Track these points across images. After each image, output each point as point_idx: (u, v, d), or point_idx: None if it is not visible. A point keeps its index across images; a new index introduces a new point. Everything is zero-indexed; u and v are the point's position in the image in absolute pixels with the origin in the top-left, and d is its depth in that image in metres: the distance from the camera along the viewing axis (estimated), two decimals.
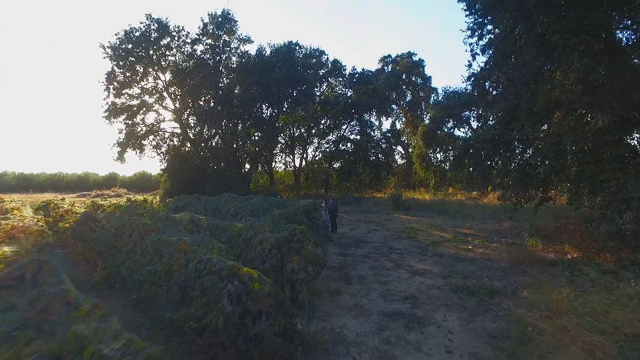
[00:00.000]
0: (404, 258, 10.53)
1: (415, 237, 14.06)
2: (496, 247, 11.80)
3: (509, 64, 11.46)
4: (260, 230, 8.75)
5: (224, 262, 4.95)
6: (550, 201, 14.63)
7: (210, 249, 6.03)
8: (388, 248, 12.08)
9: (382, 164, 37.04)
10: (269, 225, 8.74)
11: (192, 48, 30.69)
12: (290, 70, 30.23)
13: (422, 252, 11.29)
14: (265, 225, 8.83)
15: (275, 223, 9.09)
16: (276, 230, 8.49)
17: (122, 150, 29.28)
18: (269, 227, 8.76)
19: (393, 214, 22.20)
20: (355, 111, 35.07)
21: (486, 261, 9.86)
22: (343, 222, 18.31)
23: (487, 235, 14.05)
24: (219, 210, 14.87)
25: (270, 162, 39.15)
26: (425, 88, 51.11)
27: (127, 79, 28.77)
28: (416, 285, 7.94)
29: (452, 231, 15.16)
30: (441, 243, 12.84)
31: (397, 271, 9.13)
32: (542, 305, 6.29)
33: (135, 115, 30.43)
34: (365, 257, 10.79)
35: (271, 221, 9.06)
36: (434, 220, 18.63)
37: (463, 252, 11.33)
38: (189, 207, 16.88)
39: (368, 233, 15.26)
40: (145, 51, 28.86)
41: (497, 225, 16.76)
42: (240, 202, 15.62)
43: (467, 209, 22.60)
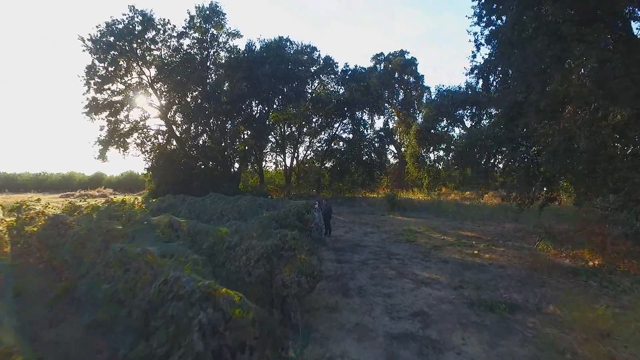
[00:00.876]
0: (406, 265, 9.58)
1: (414, 240, 13.14)
2: (504, 252, 10.93)
3: (516, 54, 10.58)
4: (247, 235, 7.71)
5: (197, 282, 3.91)
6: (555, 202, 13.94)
7: (183, 263, 4.97)
8: (387, 253, 11.12)
9: (375, 163, 36.12)
10: (257, 230, 7.70)
11: (179, 42, 29.40)
12: (281, 66, 29.17)
13: (425, 258, 10.35)
14: (252, 230, 7.80)
15: (264, 227, 8.05)
16: (265, 235, 7.47)
17: (104, 149, 27.83)
18: (257, 232, 7.73)
19: (388, 214, 21.30)
20: (347, 109, 34.09)
21: (497, 268, 8.96)
22: (337, 224, 17.32)
23: (491, 239, 13.20)
24: (204, 212, 13.75)
25: (260, 162, 37.98)
26: (417, 87, 50.49)
27: (109, 73, 27.33)
28: (424, 298, 6.99)
29: (453, 234, 14.29)
30: (443, 247, 11.94)
31: (400, 281, 8.17)
32: (575, 324, 5.38)
33: (118, 112, 29.00)
34: (363, 264, 9.81)
35: (259, 225, 8.02)
36: (431, 222, 17.75)
37: (469, 257, 10.43)
38: (173, 208, 15.73)
39: (364, 236, 14.30)
40: (128, 45, 27.45)
41: (499, 227, 15.96)
42: (227, 203, 14.51)
43: (464, 210, 21.86)
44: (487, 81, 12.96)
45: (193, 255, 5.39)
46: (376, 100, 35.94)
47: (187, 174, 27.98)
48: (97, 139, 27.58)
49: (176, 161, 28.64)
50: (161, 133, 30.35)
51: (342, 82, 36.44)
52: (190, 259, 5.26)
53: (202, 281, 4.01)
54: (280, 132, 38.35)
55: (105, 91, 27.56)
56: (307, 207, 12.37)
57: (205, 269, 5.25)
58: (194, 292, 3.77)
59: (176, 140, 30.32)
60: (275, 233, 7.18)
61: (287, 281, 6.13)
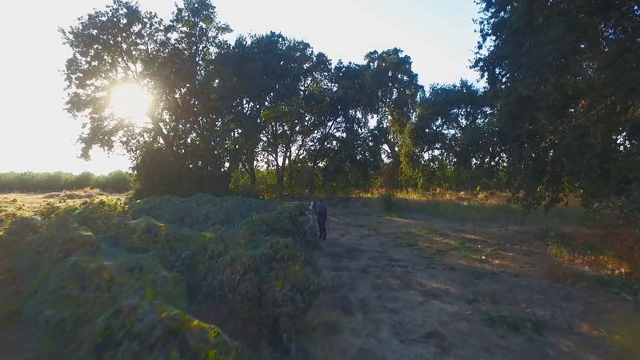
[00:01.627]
0: (410, 273, 8.70)
1: (416, 244, 12.29)
2: (514, 258, 10.12)
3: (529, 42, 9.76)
4: (233, 242, 6.76)
5: (160, 313, 2.96)
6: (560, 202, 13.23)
7: (150, 283, 4.00)
8: (388, 259, 10.23)
9: (369, 162, 35.28)
10: (244, 237, 6.76)
11: (166, 36, 28.12)
12: (273, 61, 28.16)
13: (430, 264, 9.49)
14: (238, 236, 6.85)
15: (253, 233, 7.11)
16: (253, 243, 6.53)
17: (87, 147, 26.49)
18: (244, 238, 6.79)
19: (385, 216, 20.45)
20: (341, 107, 33.18)
21: (512, 277, 8.12)
22: (331, 226, 16.42)
23: (496, 242, 12.41)
24: (189, 214, 12.71)
25: (251, 161, 36.90)
26: (411, 85, 49.84)
27: (92, 68, 26.01)
28: (436, 314, 6.10)
29: (455, 237, 13.48)
30: (447, 252, 11.10)
31: (406, 292, 7.28)
32: (622, 349, 4.53)
33: (102, 108, 27.66)
34: (363, 271, 8.90)
35: (247, 231, 7.06)
36: (430, 224, 16.94)
37: (477, 263, 9.60)
38: (156, 210, 14.63)
39: (361, 239, 13.41)
40: (113, 38, 26.15)
41: (502, 229, 15.19)
42: (213, 204, 13.51)
43: (462, 211, 21.09)
44: (492, 74, 12.16)
45: (162, 272, 4.42)
46: (370, 98, 35.13)
47: (175, 173, 26.74)
48: (79, 137, 26.22)
49: (163, 160, 27.37)
50: (147, 131, 29.09)
51: (336, 80, 35.58)
52: (160, 276, 4.29)
53: (167, 310, 3.06)
54: (272, 130, 37.33)
55: (88, 87, 26.20)
56: (301, 209, 11.45)
57: (178, 288, 4.30)
58: (154, 327, 2.82)
59: (163, 138, 29.08)
60: (265, 240, 6.24)
61: (279, 298, 5.21)
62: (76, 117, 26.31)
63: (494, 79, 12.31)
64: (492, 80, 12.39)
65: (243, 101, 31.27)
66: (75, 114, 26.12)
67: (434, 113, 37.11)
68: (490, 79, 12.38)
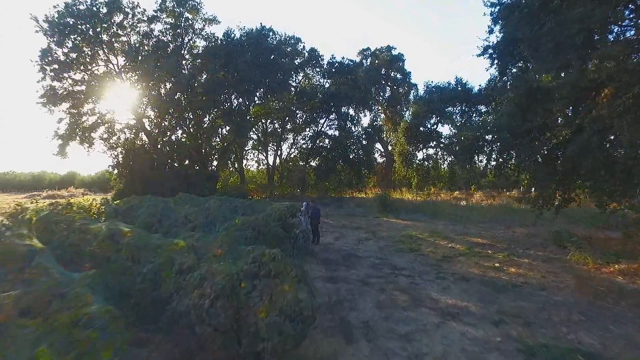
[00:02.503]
0: (418, 285, 7.53)
1: (419, 249, 11.14)
2: (531, 265, 9.02)
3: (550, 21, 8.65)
4: (209, 253, 5.52)
5: None
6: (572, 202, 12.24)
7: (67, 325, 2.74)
8: (390, 267, 9.06)
9: (362, 161, 34.13)
10: (223, 245, 5.51)
11: (149, 27, 26.62)
12: (263, 54, 26.82)
13: (439, 274, 8.34)
14: (216, 244, 5.61)
15: (232, 241, 5.86)
16: (233, 253, 5.29)
17: (64, 144, 24.83)
18: (223, 247, 5.54)
19: (381, 217, 19.30)
20: (333, 104, 31.95)
21: (538, 291, 6.99)
22: (325, 228, 15.21)
23: (506, 247, 11.32)
24: (167, 217, 11.38)
25: (240, 160, 35.51)
26: (404, 83, 48.96)
27: (70, 60, 24.38)
28: (458, 342, 4.93)
29: (460, 240, 12.37)
30: (455, 258, 9.97)
31: (417, 311, 6.10)
32: None
33: (82, 103, 26.03)
34: (364, 283, 7.71)
35: (226, 238, 5.79)
36: (431, 225, 15.83)
37: (491, 272, 8.49)
38: (132, 211, 13.30)
39: (359, 244, 12.22)
40: (92, 29, 24.56)
41: (508, 231, 14.16)
42: (194, 205, 12.21)
43: (462, 211, 20.07)
44: (504, 61, 11.06)
45: (92, 306, 3.13)
46: (364, 94, 34.00)
47: (159, 172, 25.29)
48: (55, 133, 24.52)
49: (146, 158, 25.88)
50: (130, 127, 27.48)
51: (329, 76, 34.38)
52: (92, 310, 3.03)
53: None
54: (263, 128, 36.01)
55: (64, 80, 24.53)
56: (292, 211, 10.25)
57: (116, 324, 3.04)
58: None
59: (147, 135, 27.50)
60: (247, 251, 5.00)
61: (263, 328, 3.98)
62: (52, 112, 24.63)
63: (505, 67, 11.22)
64: (503, 69, 11.30)
65: (232, 97, 29.84)
66: (52, 109, 24.43)
67: (428, 111, 36.16)
68: (501, 67, 11.28)
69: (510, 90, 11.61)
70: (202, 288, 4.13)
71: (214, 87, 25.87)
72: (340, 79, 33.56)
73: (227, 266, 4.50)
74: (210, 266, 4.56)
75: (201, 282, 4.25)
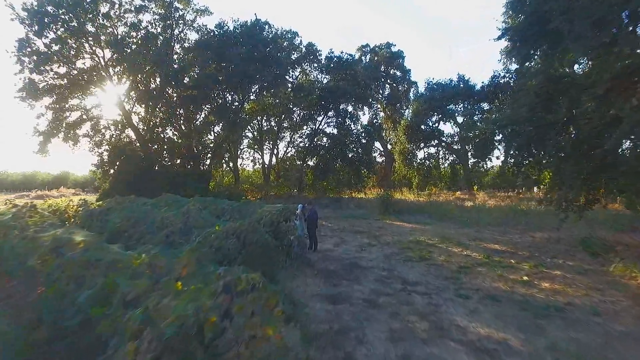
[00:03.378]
0: (438, 307, 6.16)
1: (430, 257, 9.80)
2: (566, 279, 7.68)
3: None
4: (171, 274, 4.14)
5: None
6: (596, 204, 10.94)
7: None
8: (401, 280, 7.69)
9: (362, 160, 32.75)
10: (189, 265, 4.13)
11: (137, 18, 25.16)
12: (258, 47, 25.38)
13: (459, 290, 6.98)
14: (181, 262, 4.22)
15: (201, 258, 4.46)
16: (200, 276, 3.92)
17: (45, 141, 23.34)
18: (189, 267, 4.16)
19: (383, 219, 17.96)
20: (332, 100, 30.52)
21: (589, 316, 5.63)
22: (324, 232, 13.87)
23: (529, 255, 9.99)
24: (143, 220, 9.94)
25: (235, 159, 34.09)
26: (404, 81, 47.76)
27: (51, 52, 22.86)
28: None
29: (475, 247, 11.04)
30: (473, 268, 8.63)
31: (442, 345, 4.73)
32: None
33: (66, 98, 24.54)
34: (371, 304, 6.32)
35: (193, 255, 4.37)
36: (439, 229, 14.50)
37: (521, 287, 7.14)
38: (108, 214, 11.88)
39: (361, 250, 10.85)
40: (76, 19, 23.08)
41: (525, 235, 12.85)
42: (178, 207, 10.80)
43: (469, 213, 18.76)
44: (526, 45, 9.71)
45: None
46: (363, 90, 32.61)
47: (147, 171, 23.81)
48: (34, 130, 23.02)
49: (134, 157, 24.42)
50: (116, 124, 25.98)
51: (327, 71, 32.99)
52: None
53: None
54: (258, 126, 34.61)
55: (45, 72, 23.01)
56: (285, 214, 8.88)
57: None
58: None
59: (135, 132, 25.98)
60: (216, 276, 3.62)
61: None
62: (33, 107, 23.15)
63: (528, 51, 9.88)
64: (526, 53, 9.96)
65: (225, 92, 28.38)
66: (32, 104, 22.94)
67: (429, 109, 34.96)
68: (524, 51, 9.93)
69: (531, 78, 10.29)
70: (140, 338, 2.75)
71: (205, 81, 24.43)
72: (339, 75, 32.20)
73: (183, 302, 3.13)
74: (160, 301, 3.18)
75: (142, 326, 2.87)
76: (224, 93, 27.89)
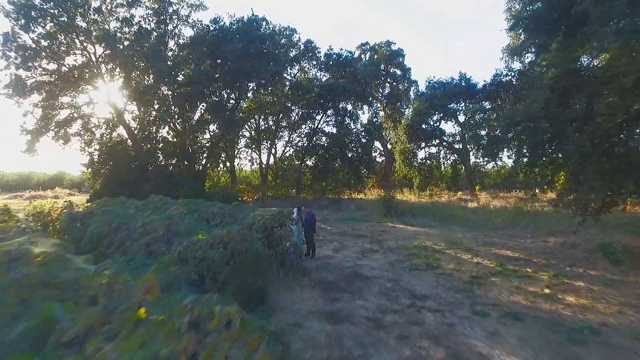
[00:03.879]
0: (452, 327, 5.36)
1: (438, 265, 9.00)
2: (592, 291, 6.88)
3: None
4: (131, 300, 3.33)
5: None
6: None
7: None
8: (409, 294, 6.88)
9: (362, 160, 31.93)
10: (149, 289, 3.32)
11: (129, 12, 24.32)
12: (255, 42, 24.51)
13: (475, 306, 6.18)
14: (145, 282, 3.41)
15: (169, 280, 3.65)
16: (161, 305, 3.10)
17: (33, 140, 22.48)
18: (153, 291, 3.35)
19: (386, 222, 17.15)
20: (331, 98, 29.68)
21: (631, 341, 4.82)
22: (322, 236, 13.07)
23: (546, 262, 9.20)
24: (125, 225, 9.13)
25: (232, 158, 33.21)
26: (404, 80, 46.98)
27: (40, 47, 22.00)
28: None
29: (485, 253, 10.24)
30: (487, 279, 7.84)
31: None
32: None
33: (56, 96, 23.67)
34: (376, 324, 5.52)
35: (158, 276, 3.55)
36: (444, 233, 13.70)
37: (543, 302, 6.35)
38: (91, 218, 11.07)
39: (363, 257, 10.05)
40: (66, 14, 22.24)
41: (538, 240, 12.05)
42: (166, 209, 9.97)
43: (474, 215, 17.93)
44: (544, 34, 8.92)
45: None
46: (363, 88, 31.78)
47: (140, 171, 22.96)
48: (21, 128, 22.15)
49: (126, 156, 23.57)
50: (107, 122, 25.10)
51: (326, 69, 32.15)
52: None
53: None
54: (256, 125, 33.74)
55: (34, 69, 22.14)
56: (280, 218, 8.07)
57: None
58: None
59: (127, 131, 25.11)
60: (183, 307, 2.82)
61: None
62: (21, 105, 22.27)
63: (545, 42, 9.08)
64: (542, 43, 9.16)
65: (221, 90, 27.52)
66: (19, 101, 22.07)
67: (430, 108, 34.19)
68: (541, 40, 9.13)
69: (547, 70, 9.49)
70: None
71: (200, 78, 23.57)
72: (338, 72, 31.40)
73: (132, 347, 2.33)
74: (103, 347, 2.38)
75: None
76: (219, 91, 27.03)
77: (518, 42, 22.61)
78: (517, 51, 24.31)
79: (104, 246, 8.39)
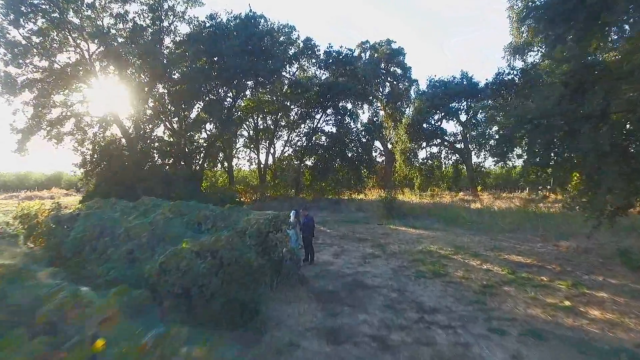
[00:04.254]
0: (467, 347, 4.75)
1: (446, 272, 8.40)
2: (617, 303, 6.28)
3: None
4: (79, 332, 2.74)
5: None
6: None
7: None
8: (416, 307, 6.27)
9: (362, 160, 31.34)
10: (108, 319, 2.74)
11: (123, 8, 23.68)
12: (252, 40, 23.90)
13: (490, 321, 5.59)
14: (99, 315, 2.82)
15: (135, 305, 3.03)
16: (119, 340, 2.52)
17: (24, 139, 21.85)
18: (110, 320, 2.77)
19: (387, 224, 16.54)
20: (331, 97, 29.08)
21: None
22: (322, 239, 12.47)
23: (560, 269, 8.60)
24: (110, 229, 8.52)
25: (229, 158, 32.61)
26: (405, 79, 46.38)
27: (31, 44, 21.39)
28: None
29: (495, 259, 9.64)
30: (499, 288, 7.24)
31: None
32: None
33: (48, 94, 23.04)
34: (381, 344, 4.91)
35: (114, 304, 2.95)
36: (450, 236, 13.11)
37: (564, 316, 5.75)
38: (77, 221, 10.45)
39: (365, 263, 9.44)
40: (58, 10, 21.61)
41: (548, 244, 11.46)
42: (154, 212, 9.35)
43: (479, 217, 17.34)
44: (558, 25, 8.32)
45: None
46: (363, 87, 31.18)
47: (134, 171, 22.32)
48: (11, 127, 21.53)
49: (120, 156, 22.95)
50: (100, 121, 24.45)
51: (325, 67, 31.54)
52: None
53: None
54: (254, 124, 33.14)
55: (25, 66, 21.50)
56: (276, 223, 7.45)
57: None
58: None
59: (121, 130, 24.47)
60: (142, 346, 2.23)
61: None
62: (11, 103, 21.64)
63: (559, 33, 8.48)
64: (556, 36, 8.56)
65: (220, 90, 26.91)
66: (10, 99, 21.44)
67: (431, 107, 33.64)
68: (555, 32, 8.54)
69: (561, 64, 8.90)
70: None
71: (196, 75, 22.94)
72: (338, 71, 30.81)
73: None
74: None
75: None
76: (216, 89, 26.42)
77: (520, 40, 22.20)
78: (519, 49, 23.79)
79: (86, 253, 7.78)
